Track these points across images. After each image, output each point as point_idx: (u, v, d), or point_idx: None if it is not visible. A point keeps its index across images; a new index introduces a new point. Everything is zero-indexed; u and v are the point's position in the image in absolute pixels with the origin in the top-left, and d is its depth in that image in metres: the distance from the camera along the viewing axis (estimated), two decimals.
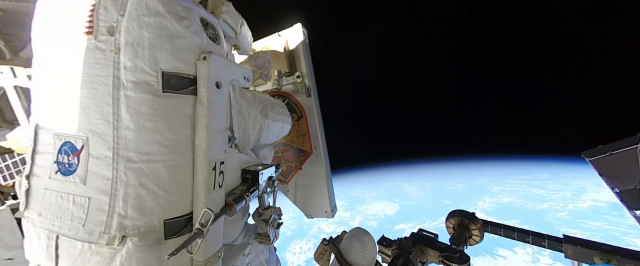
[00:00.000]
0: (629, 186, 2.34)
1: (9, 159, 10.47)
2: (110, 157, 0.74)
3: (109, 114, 0.74)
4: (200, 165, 0.80)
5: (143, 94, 0.74)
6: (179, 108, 0.79)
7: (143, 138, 0.75)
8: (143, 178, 0.75)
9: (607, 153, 2.37)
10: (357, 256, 1.39)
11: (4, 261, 2.32)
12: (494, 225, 1.76)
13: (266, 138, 1.39)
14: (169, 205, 0.79)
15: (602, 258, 1.33)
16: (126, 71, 0.73)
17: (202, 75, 0.81)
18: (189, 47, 0.81)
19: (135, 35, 0.73)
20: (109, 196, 0.74)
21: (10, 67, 3.03)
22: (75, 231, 0.77)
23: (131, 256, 0.74)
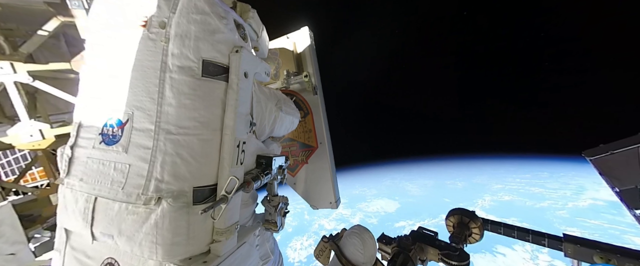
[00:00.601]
0: (629, 185, 2.33)
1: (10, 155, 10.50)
2: (152, 130, 0.87)
3: (155, 93, 0.87)
4: (227, 142, 0.94)
5: (186, 77, 0.89)
6: (213, 91, 0.94)
7: (182, 114, 0.88)
8: (179, 148, 0.87)
9: (608, 153, 2.36)
10: (357, 253, 1.39)
11: (7, 256, 2.34)
12: (493, 223, 1.76)
13: (278, 129, 1.50)
14: (198, 174, 0.90)
15: (602, 257, 1.33)
16: (173, 57, 0.89)
17: (234, 65, 0.96)
18: (226, 41, 0.97)
19: (184, 29, 0.89)
20: (149, 163, 0.86)
21: (10, 62, 3.01)
22: (115, 194, 0.88)
23: (165, 215, 0.84)
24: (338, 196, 1.67)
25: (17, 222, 2.53)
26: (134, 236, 0.86)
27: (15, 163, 10.84)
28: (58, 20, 3.10)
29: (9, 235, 2.41)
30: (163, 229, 0.84)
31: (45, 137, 3.19)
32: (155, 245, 0.84)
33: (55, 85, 3.30)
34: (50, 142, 3.25)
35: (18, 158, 10.66)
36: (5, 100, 3.50)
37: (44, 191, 3.31)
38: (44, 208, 3.20)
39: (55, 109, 4.42)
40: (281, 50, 1.57)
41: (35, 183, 10.12)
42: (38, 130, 3.14)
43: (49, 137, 3.23)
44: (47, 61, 3.33)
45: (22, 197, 3.45)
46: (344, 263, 1.39)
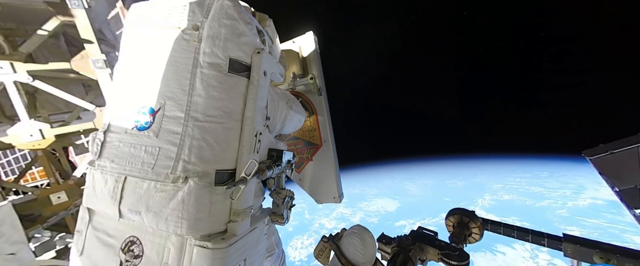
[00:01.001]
0: (628, 185, 2.34)
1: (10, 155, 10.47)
2: (182, 117, 0.98)
3: (186, 85, 1.00)
4: (247, 131, 1.06)
5: (214, 72, 1.02)
6: (237, 86, 1.07)
7: (209, 104, 1.00)
8: (205, 134, 0.98)
9: (608, 153, 2.36)
10: (356, 253, 1.40)
11: (7, 255, 2.34)
12: (493, 223, 1.76)
13: (288, 127, 1.61)
14: (221, 158, 1.01)
15: (602, 256, 1.33)
16: (204, 55, 1.02)
17: (256, 64, 1.10)
18: (250, 43, 1.11)
19: (215, 31, 1.03)
20: (177, 146, 0.97)
21: (10, 62, 3.01)
22: (144, 173, 0.98)
23: (191, 192, 0.93)
24: (341, 191, 1.77)
25: (17, 222, 2.53)
26: (161, 212, 0.95)
27: (15, 163, 10.85)
28: (58, 20, 3.09)
29: (9, 234, 2.41)
30: (189, 205, 0.93)
31: (45, 137, 3.19)
32: (181, 219, 0.93)
33: (55, 84, 3.30)
34: (50, 141, 3.25)
35: (18, 158, 10.67)
36: (5, 99, 3.51)
37: (44, 191, 3.31)
38: (44, 208, 3.20)
39: (55, 109, 4.43)
40: (287, 54, 1.68)
41: (35, 183, 10.13)
42: (38, 130, 3.14)
43: (49, 136, 3.23)
44: (47, 61, 3.33)
45: (22, 197, 3.46)
46: (343, 263, 1.39)
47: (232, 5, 1.07)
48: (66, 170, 4.16)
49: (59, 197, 3.24)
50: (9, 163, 10.89)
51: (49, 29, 3.09)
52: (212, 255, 0.92)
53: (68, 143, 4.22)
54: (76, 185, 3.48)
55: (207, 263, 0.92)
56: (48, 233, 3.60)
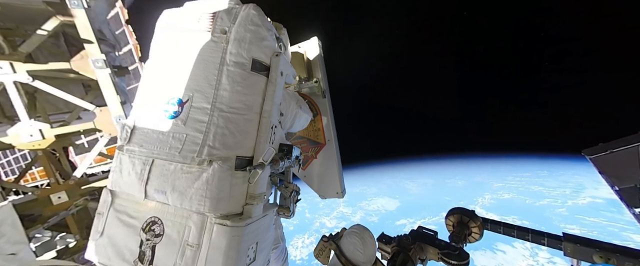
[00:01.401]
0: (628, 184, 2.34)
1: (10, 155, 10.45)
2: (209, 108, 1.09)
3: (213, 80, 1.12)
4: (264, 123, 1.17)
5: (239, 70, 1.15)
6: (257, 83, 1.19)
7: (233, 98, 1.12)
8: (229, 123, 1.09)
9: (608, 152, 2.36)
10: (356, 253, 1.39)
11: (7, 255, 2.34)
12: (493, 222, 1.76)
13: (296, 125, 1.73)
14: (241, 145, 1.11)
15: (602, 256, 1.33)
16: (231, 55, 1.15)
17: (274, 65, 1.24)
18: (270, 47, 1.25)
19: (241, 35, 1.17)
20: (203, 133, 1.07)
21: (10, 62, 3.00)
22: (172, 157, 1.08)
23: (215, 173, 1.02)
24: (343, 187, 1.88)
25: (17, 222, 2.53)
26: (186, 191, 1.03)
27: (15, 163, 10.85)
28: (57, 20, 3.09)
29: (9, 235, 2.42)
30: (212, 185, 1.01)
31: (45, 137, 3.19)
32: (205, 198, 1.01)
33: (55, 84, 3.30)
34: (50, 141, 3.25)
35: (18, 158, 10.67)
36: (5, 100, 3.50)
37: (44, 191, 3.31)
38: (44, 208, 3.20)
39: (55, 109, 4.42)
40: (293, 57, 1.76)
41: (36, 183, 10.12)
42: (38, 130, 3.13)
43: (49, 136, 3.23)
44: (46, 61, 3.32)
45: (23, 197, 3.46)
46: (343, 262, 1.39)
47: (257, 14, 1.21)
48: (66, 170, 4.16)
49: (59, 197, 3.24)
50: (9, 164, 10.89)
51: (48, 29, 3.08)
52: (231, 232, 0.99)
53: (68, 143, 4.22)
54: (76, 185, 3.48)
55: (226, 240, 0.98)
56: (49, 233, 3.61)
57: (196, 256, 1.00)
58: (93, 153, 3.52)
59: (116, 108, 3.40)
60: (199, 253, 1.00)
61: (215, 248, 0.98)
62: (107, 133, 3.49)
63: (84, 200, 3.46)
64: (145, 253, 1.08)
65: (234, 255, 0.98)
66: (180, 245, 1.03)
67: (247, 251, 1.05)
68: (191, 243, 1.02)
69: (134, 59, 8.68)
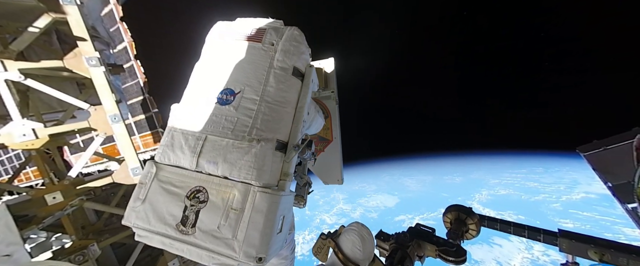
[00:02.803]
0: (622, 180, 2.37)
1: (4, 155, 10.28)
2: (257, 99, 1.35)
3: (262, 78, 1.39)
4: (298, 116, 1.42)
5: (283, 73, 1.42)
6: (295, 85, 1.46)
7: (277, 93, 1.37)
8: (272, 112, 1.33)
9: (602, 148, 2.39)
10: (355, 250, 1.40)
11: (2, 257, 2.31)
12: (490, 219, 1.78)
13: (313, 128, 1.94)
14: (280, 131, 1.34)
15: (596, 251, 1.35)
16: (278, 61, 1.44)
17: (308, 73, 1.54)
18: (306, 60, 1.56)
19: (286, 48, 1.47)
20: (252, 118, 1.30)
21: (1, 60, 2.94)
22: (225, 134, 1.29)
23: (262, 149, 1.23)
24: (343, 176, 2.30)
25: (11, 223, 2.49)
26: (236, 163, 1.22)
27: (9, 162, 10.69)
28: (49, 17, 3.02)
29: (3, 235, 2.38)
30: (259, 158, 1.21)
31: (39, 137, 3.13)
32: (253, 168, 1.20)
33: (48, 83, 3.24)
34: (44, 141, 3.19)
35: (12, 157, 10.51)
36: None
37: (39, 191, 3.26)
38: (39, 208, 3.16)
39: (48, 108, 4.35)
40: (316, 70, 2.28)
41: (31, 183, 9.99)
42: (31, 130, 3.08)
43: (42, 136, 3.17)
44: (39, 59, 3.25)
45: (17, 197, 3.41)
46: (342, 259, 1.39)
47: (299, 35, 1.54)
48: (61, 170, 4.11)
49: (54, 197, 3.20)
50: (2, 163, 10.73)
51: (40, 26, 3.01)
52: (271, 198, 1.17)
53: (62, 143, 4.16)
54: (71, 185, 3.43)
55: (268, 204, 1.16)
56: (44, 234, 3.57)
57: (240, 218, 1.16)
58: (88, 152, 3.48)
59: (111, 107, 3.36)
60: (242, 215, 1.16)
61: (258, 211, 1.15)
62: (102, 133, 3.44)
63: (79, 200, 3.42)
64: (188, 217, 1.23)
65: (272, 217, 1.16)
66: (224, 209, 1.19)
67: (280, 219, 1.23)
68: (235, 207, 1.17)
69: (129, 57, 8.58)
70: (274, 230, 1.17)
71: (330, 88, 2.15)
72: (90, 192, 3.93)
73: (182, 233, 1.22)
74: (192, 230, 1.20)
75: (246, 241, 1.12)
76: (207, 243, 1.17)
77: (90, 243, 3.47)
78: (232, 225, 1.15)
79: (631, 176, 2.27)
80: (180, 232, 1.22)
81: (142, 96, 8.21)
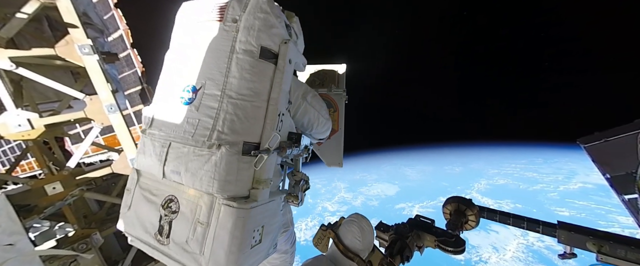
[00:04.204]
0: (620, 172, 2.37)
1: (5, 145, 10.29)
2: (219, 95, 1.14)
3: (224, 68, 1.16)
4: (271, 110, 1.20)
5: (248, 58, 1.17)
6: (265, 70, 1.21)
7: (242, 85, 1.15)
8: (237, 109, 1.13)
9: (603, 140, 2.37)
10: (355, 241, 1.41)
11: (5, 246, 2.34)
12: (490, 211, 1.78)
13: (301, 119, 1.72)
14: (248, 131, 1.16)
15: (595, 243, 1.35)
16: (240, 43, 1.17)
17: (282, 52, 1.24)
18: (278, 34, 1.25)
19: (250, 23, 1.18)
20: (213, 119, 1.12)
21: None
22: (186, 140, 1.16)
23: (222, 157, 1.08)
24: (342, 160, 2.46)
25: (12, 213, 2.51)
26: (197, 173, 1.10)
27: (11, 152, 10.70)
28: (38, 2, 2.90)
29: (5, 225, 2.40)
30: (220, 168, 1.07)
31: (35, 127, 3.10)
32: (213, 179, 1.07)
33: (41, 72, 3.16)
34: (40, 131, 3.16)
35: (13, 147, 10.51)
36: None
37: (38, 181, 3.27)
38: (39, 198, 3.17)
39: (43, 97, 4.28)
40: (329, 72, 2.38)
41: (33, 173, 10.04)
42: (26, 120, 3.03)
43: (38, 126, 3.13)
44: (30, 47, 3.16)
45: (17, 188, 3.41)
46: (342, 250, 1.40)
47: (266, 2, 1.23)
48: (60, 160, 4.10)
49: (54, 187, 3.21)
50: (4, 153, 10.75)
51: (28, 12, 2.90)
52: (237, 214, 1.05)
53: (60, 133, 4.13)
54: (71, 175, 3.44)
55: (232, 221, 1.05)
56: (47, 223, 3.61)
57: (206, 233, 1.08)
58: (86, 143, 3.45)
59: (107, 97, 3.30)
60: (208, 230, 1.08)
61: (222, 227, 1.05)
62: (99, 123, 3.40)
63: (79, 190, 3.43)
64: (163, 227, 1.19)
65: (239, 234, 1.05)
66: (193, 222, 1.11)
67: (252, 232, 1.12)
68: (201, 221, 1.09)
69: (126, 45, 8.36)
70: (244, 246, 1.07)
71: (341, 88, 2.31)
72: (91, 182, 3.94)
73: (159, 242, 1.19)
74: (167, 241, 1.17)
75: (212, 260, 1.04)
76: (178, 256, 1.13)
77: (92, 232, 3.52)
78: (199, 240, 1.08)
79: (630, 168, 2.26)
80: (157, 241, 1.20)
81: (140, 86, 8.08)
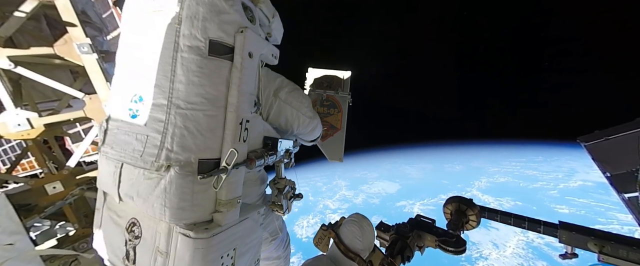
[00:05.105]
0: (621, 170, 2.36)
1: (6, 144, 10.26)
2: (165, 104, 0.95)
3: (168, 71, 0.96)
4: (230, 118, 1.01)
5: (194, 56, 0.96)
6: (219, 69, 1.00)
7: (190, 91, 0.96)
8: (187, 122, 0.95)
9: (603, 139, 2.37)
10: (355, 240, 1.40)
11: (5, 246, 2.34)
12: (491, 211, 1.77)
13: (277, 120, 1.54)
14: (203, 147, 0.98)
15: (596, 243, 1.34)
16: (184, 38, 0.95)
17: (239, 44, 1.02)
18: (231, 21, 1.01)
19: (193, 10, 0.95)
20: (161, 134, 0.95)
21: None
22: (135, 161, 1.00)
23: (172, 181, 0.93)
24: (343, 156, 2.54)
25: (12, 212, 2.51)
26: (148, 199, 0.96)
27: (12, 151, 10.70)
28: (36, 0, 2.88)
29: (5, 225, 2.40)
30: (170, 194, 0.93)
31: (34, 126, 3.09)
32: (164, 207, 0.93)
33: (40, 71, 3.15)
34: (39, 131, 3.15)
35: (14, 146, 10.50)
36: None
37: (38, 181, 3.27)
38: (39, 198, 3.17)
39: (43, 97, 4.27)
40: (336, 77, 2.47)
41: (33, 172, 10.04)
42: (26, 119, 3.03)
43: (38, 126, 3.12)
44: (28, 46, 3.15)
45: (17, 187, 3.42)
46: (342, 250, 1.40)
47: None
48: (60, 160, 4.10)
49: (54, 187, 3.21)
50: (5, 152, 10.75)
51: (26, 11, 2.88)
52: (194, 245, 0.93)
53: (60, 132, 4.12)
54: (71, 175, 3.44)
55: (189, 252, 0.93)
56: (48, 222, 3.62)
57: (166, 263, 0.97)
58: (85, 142, 3.45)
59: (106, 96, 3.29)
60: (167, 261, 0.97)
61: (180, 260, 0.94)
62: (99, 122, 3.39)
63: (79, 189, 3.43)
64: (129, 253, 1.08)
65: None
66: (153, 250, 1.00)
67: (219, 260, 1.00)
68: (161, 250, 0.98)
69: None
70: None
71: (346, 91, 2.41)
72: (91, 181, 3.94)
73: None
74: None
75: None
76: None
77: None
78: None
79: (631, 166, 2.25)
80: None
81: None
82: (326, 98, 2.31)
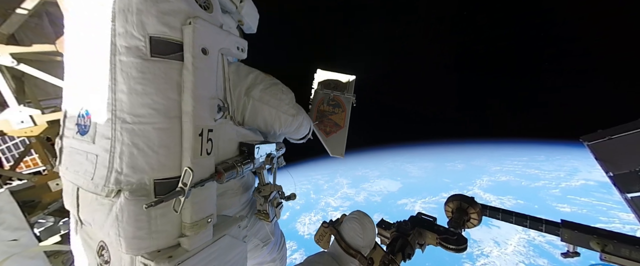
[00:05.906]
0: (623, 170, 2.35)
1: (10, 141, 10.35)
2: (110, 119, 0.81)
3: (109, 79, 0.80)
4: (186, 130, 0.85)
5: (133, 58, 0.79)
6: (167, 73, 0.83)
7: (134, 101, 0.80)
8: (135, 138, 0.81)
9: (606, 138, 2.35)
10: (356, 238, 1.40)
11: (9, 242, 2.37)
12: (492, 209, 1.77)
13: (254, 121, 1.39)
14: (158, 166, 0.84)
15: (598, 242, 1.34)
16: (120, 37, 0.79)
17: (187, 40, 0.83)
18: (174, 11, 0.82)
19: (124, 3, 0.77)
20: (109, 153, 0.82)
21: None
22: (87, 184, 0.89)
23: (123, 208, 0.80)
24: (344, 152, 2.63)
25: (16, 209, 2.53)
26: (104, 227, 0.86)
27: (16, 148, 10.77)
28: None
29: (9, 221, 2.43)
30: (123, 222, 0.81)
31: (37, 123, 3.11)
32: (119, 237, 0.82)
33: (42, 68, 3.16)
34: (42, 128, 3.17)
35: (18, 143, 10.58)
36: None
37: (42, 178, 3.30)
38: (43, 194, 3.20)
39: (45, 94, 4.28)
40: (340, 82, 2.54)
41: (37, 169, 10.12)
42: (28, 116, 3.05)
43: (41, 123, 3.15)
44: (31, 43, 3.16)
45: (21, 184, 3.44)
46: (343, 247, 1.40)
47: None
48: None
49: (57, 183, 3.23)
50: (9, 149, 10.82)
51: (28, 8, 2.89)
52: None
53: None
54: None
55: None
56: (51, 219, 3.64)
57: None
58: None
59: None
60: None
61: None
62: None
63: None
64: None
65: None
66: None
67: None
68: None
69: None
70: None
71: (351, 93, 2.50)
72: None
73: None
74: None
75: None
76: None
77: None
78: None
79: (634, 166, 2.23)
80: None
81: None
82: (332, 98, 2.43)
